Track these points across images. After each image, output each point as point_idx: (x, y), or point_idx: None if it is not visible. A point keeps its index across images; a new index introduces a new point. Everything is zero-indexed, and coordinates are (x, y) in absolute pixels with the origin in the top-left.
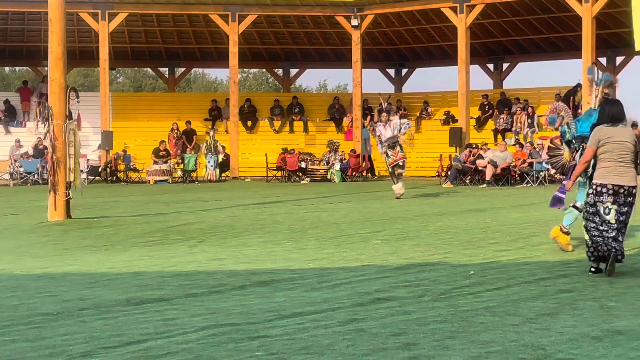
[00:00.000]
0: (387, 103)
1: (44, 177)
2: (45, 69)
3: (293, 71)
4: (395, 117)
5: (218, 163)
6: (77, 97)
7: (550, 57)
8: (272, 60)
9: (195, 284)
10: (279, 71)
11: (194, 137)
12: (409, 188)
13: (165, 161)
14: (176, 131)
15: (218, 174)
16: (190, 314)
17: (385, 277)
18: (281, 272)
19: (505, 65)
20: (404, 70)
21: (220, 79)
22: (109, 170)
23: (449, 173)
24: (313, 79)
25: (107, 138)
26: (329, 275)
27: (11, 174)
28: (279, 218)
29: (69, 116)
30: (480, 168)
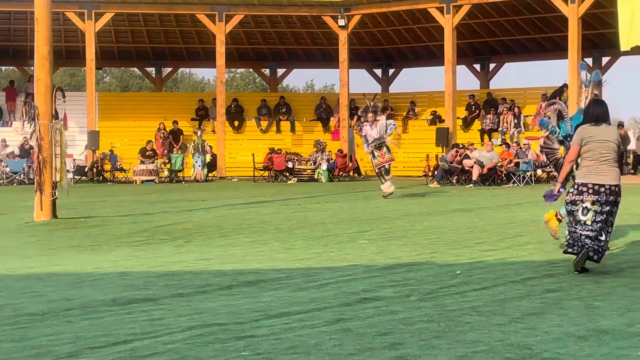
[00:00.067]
0: (373, 103)
1: (30, 177)
2: (31, 68)
3: (280, 71)
4: (382, 118)
5: (206, 163)
6: (64, 97)
7: (537, 58)
8: (259, 60)
9: (182, 284)
10: (266, 71)
11: (181, 137)
12: (396, 188)
13: (152, 161)
14: (163, 131)
15: (205, 173)
16: (176, 314)
17: (372, 277)
18: (268, 272)
19: (491, 66)
20: (391, 71)
21: (207, 78)
22: (95, 170)
23: (436, 173)
24: (300, 79)
25: (94, 138)
26: (316, 275)
27: None
28: (265, 218)
29: (55, 116)
30: (466, 168)
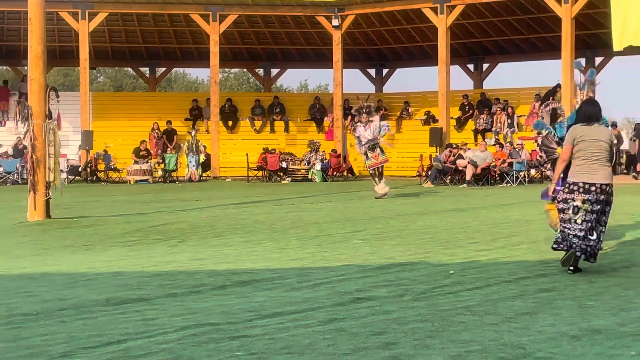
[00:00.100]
0: (367, 104)
1: (24, 177)
2: (25, 68)
3: (274, 71)
4: (375, 119)
5: (200, 163)
6: (57, 97)
7: (530, 58)
8: (253, 60)
9: (176, 284)
10: (260, 71)
11: (175, 137)
12: (390, 188)
13: (145, 161)
14: (157, 131)
15: (200, 173)
16: (170, 313)
17: (365, 277)
18: (262, 272)
19: (485, 66)
20: (385, 71)
21: (201, 78)
22: (89, 170)
23: (430, 173)
24: (294, 79)
25: (88, 138)
26: (310, 274)
27: None
28: (259, 218)
29: (49, 116)
30: (460, 168)
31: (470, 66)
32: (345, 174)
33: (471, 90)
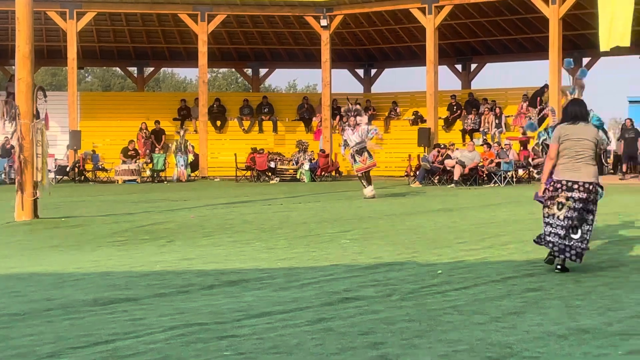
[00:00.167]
0: (355, 107)
1: (11, 177)
2: (12, 67)
3: (262, 71)
4: (363, 120)
5: (188, 163)
6: (45, 96)
7: (518, 58)
8: (242, 60)
9: (164, 284)
10: (248, 71)
11: (163, 137)
12: (378, 188)
13: (134, 161)
14: (145, 131)
15: (188, 173)
16: (158, 313)
17: (353, 277)
18: (250, 272)
19: (473, 66)
20: (373, 71)
21: (189, 78)
22: (77, 169)
23: (418, 173)
24: (282, 79)
25: (75, 137)
26: (298, 274)
27: None
28: (248, 218)
29: (37, 115)
30: (448, 168)
31: (458, 66)
32: (333, 174)
33: (459, 90)
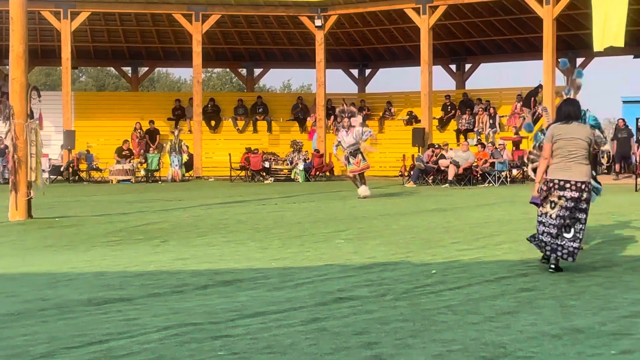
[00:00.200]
0: (349, 108)
1: (5, 177)
2: (6, 67)
3: (257, 71)
4: (357, 122)
5: (183, 163)
6: (39, 96)
7: (512, 58)
8: (236, 60)
9: (158, 284)
10: (243, 71)
11: (157, 137)
12: (372, 188)
13: (128, 161)
14: (139, 130)
15: (182, 173)
16: (152, 313)
17: (347, 277)
18: (244, 272)
19: (467, 66)
20: (367, 71)
21: (183, 78)
22: (71, 169)
23: (412, 173)
24: (277, 79)
25: (70, 137)
26: (292, 274)
27: None
28: (242, 218)
29: (31, 115)
30: (442, 168)
31: (453, 66)
32: (327, 174)
33: (453, 90)
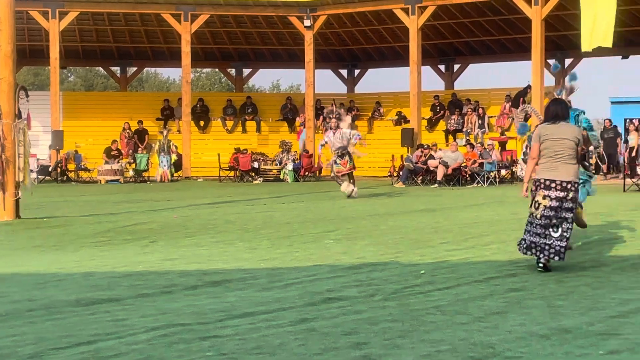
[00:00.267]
0: (337, 109)
1: None
2: None
3: (246, 71)
4: (345, 123)
5: (171, 163)
6: (27, 96)
7: (501, 59)
8: (225, 60)
9: (146, 284)
10: (232, 71)
11: (146, 137)
12: (361, 188)
13: (117, 161)
14: (128, 131)
15: (171, 173)
16: (140, 314)
17: (336, 277)
18: (233, 272)
19: (456, 67)
20: (357, 71)
21: (172, 78)
22: (59, 169)
23: (401, 173)
24: (266, 79)
25: (58, 137)
26: (281, 275)
27: None
28: (231, 218)
29: (19, 115)
30: (431, 168)
31: (442, 67)
32: (317, 174)
33: (442, 90)
